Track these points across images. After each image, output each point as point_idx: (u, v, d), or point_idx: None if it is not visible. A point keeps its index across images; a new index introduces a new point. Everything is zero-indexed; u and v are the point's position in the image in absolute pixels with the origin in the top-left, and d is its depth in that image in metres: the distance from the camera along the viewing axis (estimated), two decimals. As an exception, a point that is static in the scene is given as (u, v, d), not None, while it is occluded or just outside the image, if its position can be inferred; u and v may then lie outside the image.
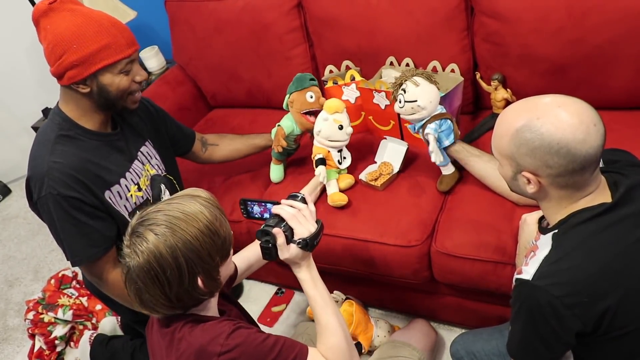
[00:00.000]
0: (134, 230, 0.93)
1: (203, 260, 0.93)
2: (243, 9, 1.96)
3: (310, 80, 1.59)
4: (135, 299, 0.95)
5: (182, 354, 0.94)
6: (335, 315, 1.07)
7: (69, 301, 2.04)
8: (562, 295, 0.88)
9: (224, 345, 0.91)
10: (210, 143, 1.72)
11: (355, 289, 1.73)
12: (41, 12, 1.21)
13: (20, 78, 2.81)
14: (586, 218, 0.91)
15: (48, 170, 1.21)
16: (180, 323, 0.97)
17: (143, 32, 2.70)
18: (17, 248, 2.63)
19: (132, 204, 1.36)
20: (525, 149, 0.90)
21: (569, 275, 0.88)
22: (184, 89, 2.29)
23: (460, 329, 1.67)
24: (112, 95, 1.26)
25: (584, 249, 0.90)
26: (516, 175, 0.96)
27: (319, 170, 1.52)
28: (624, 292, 0.88)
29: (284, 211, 1.09)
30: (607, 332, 0.91)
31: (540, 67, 1.56)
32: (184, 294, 0.94)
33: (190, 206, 0.94)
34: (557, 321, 0.89)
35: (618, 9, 1.41)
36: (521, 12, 1.51)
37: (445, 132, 1.39)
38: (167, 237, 0.90)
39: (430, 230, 1.43)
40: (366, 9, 1.74)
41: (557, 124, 0.87)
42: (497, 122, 0.97)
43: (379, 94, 1.63)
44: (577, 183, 0.91)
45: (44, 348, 1.99)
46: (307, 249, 1.07)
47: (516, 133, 0.91)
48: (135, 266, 0.91)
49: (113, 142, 1.35)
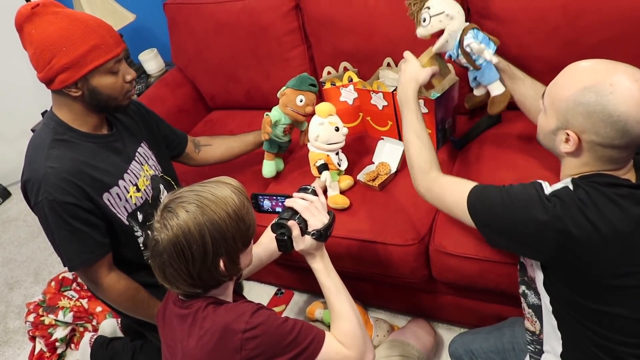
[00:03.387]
0: (166, 206, 0.97)
1: (227, 242, 0.97)
2: (241, 11, 1.97)
3: (310, 85, 1.59)
4: (158, 272, 0.99)
5: (206, 332, 0.97)
6: (349, 302, 1.10)
7: (69, 303, 2.05)
8: (562, 217, 0.89)
9: (248, 322, 0.95)
10: (203, 144, 1.72)
11: (354, 288, 1.73)
12: (24, 17, 1.18)
13: (19, 81, 2.82)
14: (609, 182, 0.91)
15: (44, 176, 1.20)
16: (202, 304, 1.01)
17: (142, 35, 2.71)
18: (18, 251, 2.64)
19: (131, 205, 1.36)
20: (583, 109, 0.89)
21: (577, 209, 0.89)
22: (183, 91, 2.30)
23: (459, 328, 1.68)
24: (104, 96, 1.25)
25: (598, 203, 0.89)
26: (557, 130, 0.94)
27: (325, 176, 1.53)
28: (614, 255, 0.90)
29: (297, 204, 1.12)
30: (576, 273, 0.93)
31: (536, 67, 1.56)
32: (206, 273, 0.97)
33: (221, 190, 0.99)
34: (541, 233, 0.92)
35: (613, 10, 1.42)
36: (517, 13, 1.52)
37: (484, 41, 1.27)
38: (197, 215, 0.94)
39: (428, 229, 1.44)
40: (364, 10, 1.75)
41: (627, 97, 0.85)
42: (564, 72, 0.95)
43: (377, 94, 1.64)
44: (612, 157, 0.91)
45: (44, 350, 1.99)
46: (321, 240, 1.10)
47: (582, 90, 0.89)
48: (164, 239, 0.94)
49: (109, 144, 1.35)
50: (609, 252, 0.90)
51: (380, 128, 1.75)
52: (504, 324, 1.32)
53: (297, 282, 1.91)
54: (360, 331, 1.07)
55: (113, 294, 1.35)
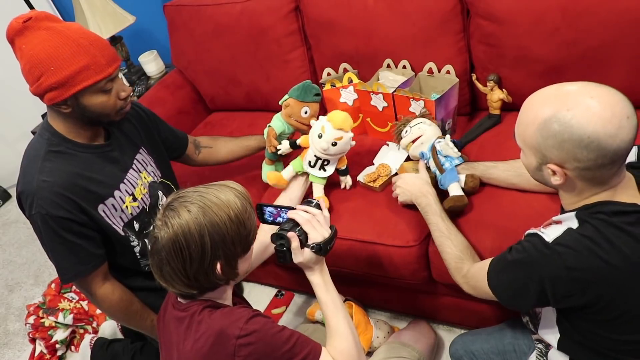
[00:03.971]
0: (170, 204, 0.98)
1: (226, 246, 0.97)
2: (241, 13, 1.97)
3: (314, 95, 1.55)
4: (156, 270, 0.99)
5: (201, 335, 0.97)
6: (346, 320, 1.09)
7: (69, 305, 2.05)
8: (572, 268, 0.87)
9: (243, 329, 0.94)
10: (204, 145, 1.71)
11: (355, 290, 1.74)
12: (16, 31, 1.14)
13: (19, 83, 2.81)
14: (616, 210, 0.88)
15: (37, 190, 1.19)
16: (199, 307, 1.01)
17: (142, 37, 2.72)
18: (18, 253, 2.64)
19: (127, 215, 1.35)
20: (553, 141, 0.86)
21: (588, 252, 0.86)
22: (183, 92, 2.30)
23: (460, 329, 1.68)
24: (95, 114, 1.22)
25: (609, 236, 0.86)
26: (541, 166, 0.92)
27: (283, 145, 1.52)
28: (630, 290, 0.88)
29: (299, 216, 1.12)
30: (598, 312, 0.91)
31: (535, 68, 1.57)
32: (202, 275, 0.97)
33: (225, 194, 0.99)
34: (552, 287, 0.89)
35: (612, 11, 1.42)
36: (516, 14, 1.53)
37: (452, 151, 1.42)
38: (199, 215, 0.95)
39: (428, 231, 1.44)
40: (363, 11, 1.75)
41: (589, 116, 0.82)
42: (523, 109, 0.92)
43: (377, 96, 1.65)
44: (603, 176, 0.88)
45: (44, 352, 1.99)
46: (321, 254, 1.09)
47: (543, 124, 0.86)
48: (164, 237, 0.95)
49: (106, 154, 1.33)
50: (631, 284, 0.88)
51: (380, 129, 1.75)
52: (505, 325, 1.32)
53: (297, 283, 1.90)
54: (355, 350, 1.06)
55: (106, 304, 1.34)
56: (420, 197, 1.32)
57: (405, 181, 1.35)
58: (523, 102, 0.95)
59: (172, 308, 1.06)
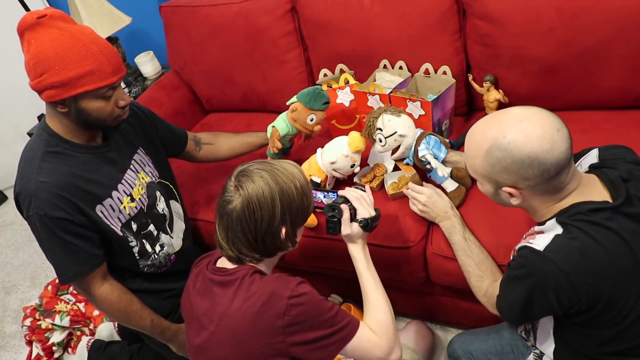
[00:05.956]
0: (242, 171, 1.07)
1: (292, 212, 1.07)
2: (237, 14, 1.97)
3: (323, 103, 1.56)
4: (221, 232, 1.08)
5: (253, 294, 1.02)
6: (384, 296, 1.16)
7: (66, 307, 2.04)
8: (569, 272, 0.89)
9: (295, 290, 1.01)
10: (205, 142, 1.70)
11: (354, 291, 1.72)
12: (27, 25, 1.14)
13: (15, 85, 2.81)
14: (592, 209, 0.92)
15: (35, 191, 1.18)
16: (248, 271, 1.06)
17: (138, 38, 2.71)
18: (14, 255, 2.63)
19: (125, 215, 1.34)
20: (499, 167, 0.92)
21: (580, 254, 0.90)
22: (179, 93, 2.29)
23: (458, 330, 1.68)
24: (91, 118, 1.22)
25: (593, 235, 0.90)
26: (497, 191, 0.98)
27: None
28: (624, 285, 0.90)
29: (349, 194, 1.23)
30: (599, 314, 0.93)
31: (532, 68, 1.57)
32: (269, 237, 1.06)
33: (289, 167, 1.10)
34: (556, 295, 0.91)
35: (608, 10, 1.42)
36: (512, 14, 1.53)
37: (435, 147, 1.42)
38: (270, 182, 1.04)
39: (425, 232, 1.44)
40: (359, 12, 1.75)
41: (523, 138, 0.89)
42: (466, 144, 0.99)
43: (373, 97, 1.64)
44: (556, 186, 0.93)
45: (41, 354, 1.98)
46: (367, 229, 1.19)
47: (487, 154, 0.93)
48: (237, 199, 1.03)
49: (104, 154, 1.32)
50: (621, 277, 0.90)
51: (377, 130, 1.75)
52: (503, 326, 1.32)
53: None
54: (392, 324, 1.12)
55: (105, 304, 1.34)
56: (445, 219, 1.35)
57: (432, 201, 1.36)
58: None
59: (212, 275, 1.10)
